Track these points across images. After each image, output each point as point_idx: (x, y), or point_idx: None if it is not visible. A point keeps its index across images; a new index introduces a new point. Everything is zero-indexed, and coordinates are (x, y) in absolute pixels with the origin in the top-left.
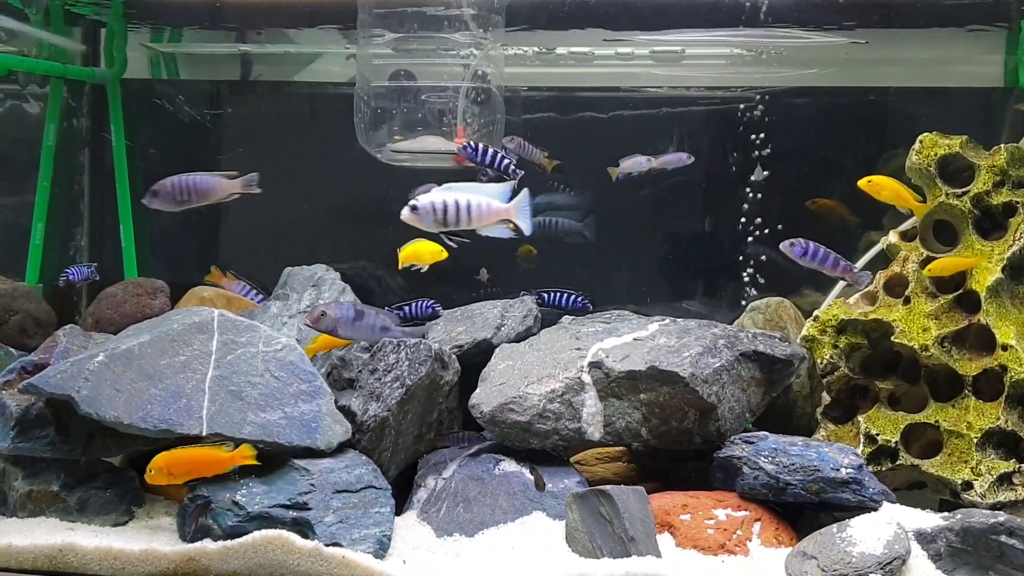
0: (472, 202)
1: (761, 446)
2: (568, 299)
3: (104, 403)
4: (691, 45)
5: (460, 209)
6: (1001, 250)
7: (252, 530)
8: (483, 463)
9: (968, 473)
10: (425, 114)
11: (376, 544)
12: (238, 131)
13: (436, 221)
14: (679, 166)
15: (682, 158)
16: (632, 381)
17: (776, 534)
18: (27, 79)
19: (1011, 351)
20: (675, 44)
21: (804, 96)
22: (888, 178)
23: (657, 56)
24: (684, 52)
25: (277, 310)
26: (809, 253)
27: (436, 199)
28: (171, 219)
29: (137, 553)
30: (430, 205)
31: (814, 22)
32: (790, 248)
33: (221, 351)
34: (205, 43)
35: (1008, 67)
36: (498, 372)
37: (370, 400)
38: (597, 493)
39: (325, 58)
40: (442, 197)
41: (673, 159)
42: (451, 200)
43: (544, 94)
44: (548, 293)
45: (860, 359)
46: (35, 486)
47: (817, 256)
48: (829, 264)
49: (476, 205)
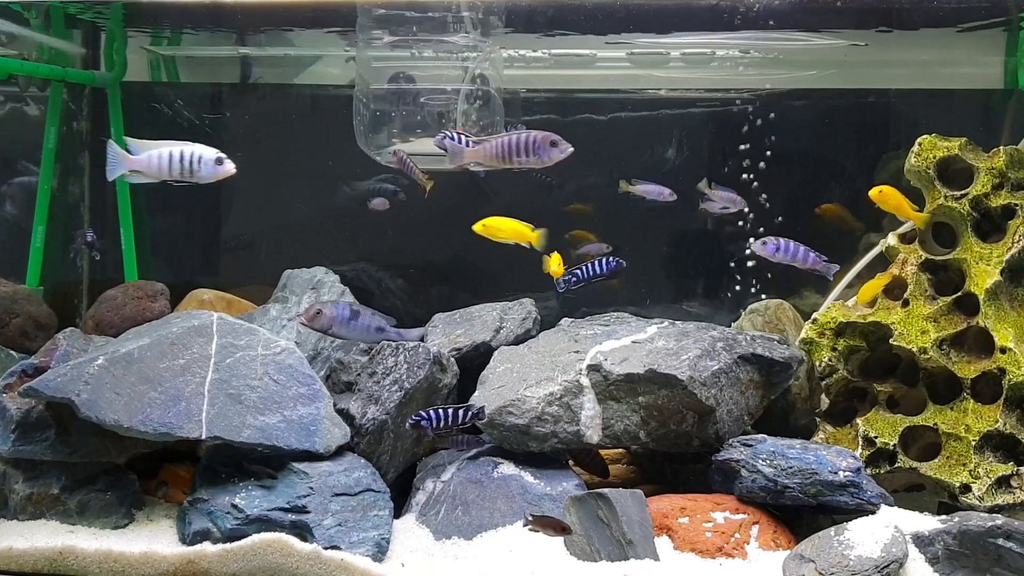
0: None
1: (759, 449)
2: (600, 265)
3: (104, 406)
4: (690, 48)
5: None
6: (1000, 253)
7: (251, 533)
8: (482, 466)
9: (966, 476)
10: (424, 116)
11: (375, 547)
12: (238, 134)
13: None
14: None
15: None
16: (630, 384)
17: (774, 537)
18: (27, 82)
19: (1010, 354)
20: (674, 47)
21: (803, 98)
22: (893, 189)
23: (656, 58)
24: (683, 55)
25: (276, 313)
26: (781, 249)
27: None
28: (171, 222)
29: (137, 556)
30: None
31: (813, 24)
32: (763, 247)
33: (220, 354)
34: (205, 46)
35: (1008, 69)
36: (497, 375)
37: (369, 403)
38: (595, 496)
39: (325, 61)
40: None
41: (653, 190)
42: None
43: (543, 96)
44: (579, 270)
45: (859, 362)
46: (36, 489)
47: (788, 251)
48: (800, 258)
49: None
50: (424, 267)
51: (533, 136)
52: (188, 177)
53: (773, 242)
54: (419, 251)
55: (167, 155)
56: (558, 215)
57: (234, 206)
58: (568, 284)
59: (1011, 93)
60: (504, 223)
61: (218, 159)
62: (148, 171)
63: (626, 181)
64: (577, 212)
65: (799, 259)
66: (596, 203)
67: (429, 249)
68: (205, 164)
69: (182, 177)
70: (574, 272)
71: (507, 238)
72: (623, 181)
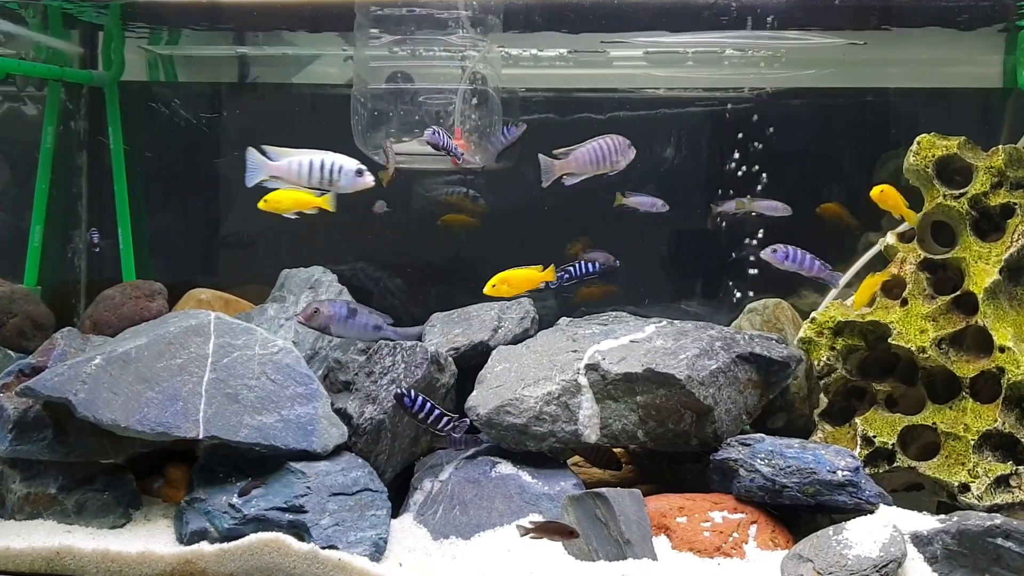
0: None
1: (757, 448)
2: (595, 264)
3: (101, 406)
4: (688, 47)
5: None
6: (999, 252)
7: (249, 532)
8: (480, 466)
9: (965, 475)
10: (422, 116)
11: (372, 547)
12: (236, 133)
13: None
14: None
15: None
16: (629, 383)
17: (772, 536)
18: (25, 82)
19: (1008, 353)
20: (673, 46)
21: (801, 97)
22: (893, 189)
23: (653, 58)
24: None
25: (274, 312)
26: (790, 257)
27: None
28: (169, 221)
29: (134, 555)
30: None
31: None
32: (772, 255)
33: (218, 354)
34: (203, 45)
35: (1007, 68)
36: (495, 374)
37: (366, 403)
38: (593, 496)
39: (323, 60)
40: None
41: (646, 201)
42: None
43: (541, 95)
44: (572, 267)
45: (857, 361)
46: (33, 489)
47: (796, 259)
48: (807, 266)
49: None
50: (422, 266)
51: (616, 141)
52: (327, 186)
53: (783, 250)
54: (417, 250)
55: (307, 163)
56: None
57: (231, 206)
58: (561, 280)
59: (1010, 92)
60: (285, 194)
61: (358, 170)
62: (288, 177)
63: (620, 194)
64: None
65: (806, 267)
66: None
67: (427, 248)
68: (345, 174)
69: (320, 185)
70: (567, 269)
71: (291, 208)
72: (618, 194)
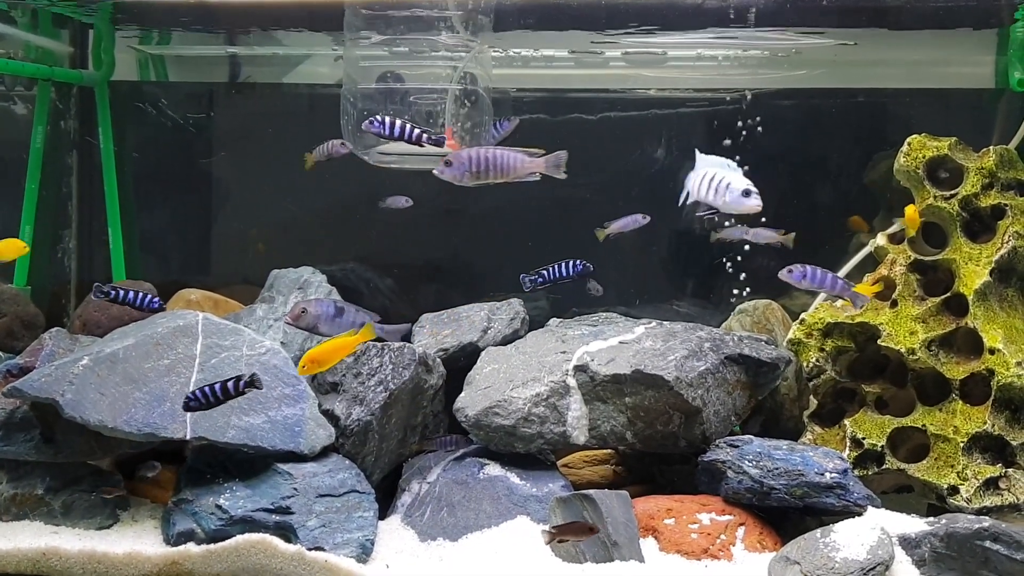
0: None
1: (746, 450)
2: (568, 267)
3: (88, 407)
4: (678, 47)
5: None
6: (989, 253)
7: (235, 534)
8: (467, 467)
9: (954, 478)
10: (413, 116)
11: (359, 548)
12: (227, 133)
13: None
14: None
15: None
16: (617, 385)
17: (760, 539)
18: (14, 81)
19: (998, 355)
20: (663, 47)
21: (792, 98)
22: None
23: (645, 58)
24: (675, 54)
25: (263, 313)
26: (807, 276)
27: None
28: (159, 221)
29: (121, 556)
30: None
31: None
32: (788, 275)
33: (205, 355)
34: (193, 45)
35: (999, 68)
36: (483, 375)
37: (354, 404)
38: (580, 498)
39: (314, 60)
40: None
41: (628, 222)
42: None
43: (533, 95)
44: (546, 270)
45: (847, 362)
46: (19, 490)
47: (814, 278)
48: (827, 285)
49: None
50: (412, 267)
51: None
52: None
53: (799, 269)
54: (407, 251)
55: (699, 177)
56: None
57: (222, 206)
58: (534, 283)
59: (1002, 92)
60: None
61: (745, 191)
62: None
63: (601, 227)
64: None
65: (826, 286)
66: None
67: (417, 249)
68: (731, 192)
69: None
70: (540, 272)
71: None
72: (598, 229)
